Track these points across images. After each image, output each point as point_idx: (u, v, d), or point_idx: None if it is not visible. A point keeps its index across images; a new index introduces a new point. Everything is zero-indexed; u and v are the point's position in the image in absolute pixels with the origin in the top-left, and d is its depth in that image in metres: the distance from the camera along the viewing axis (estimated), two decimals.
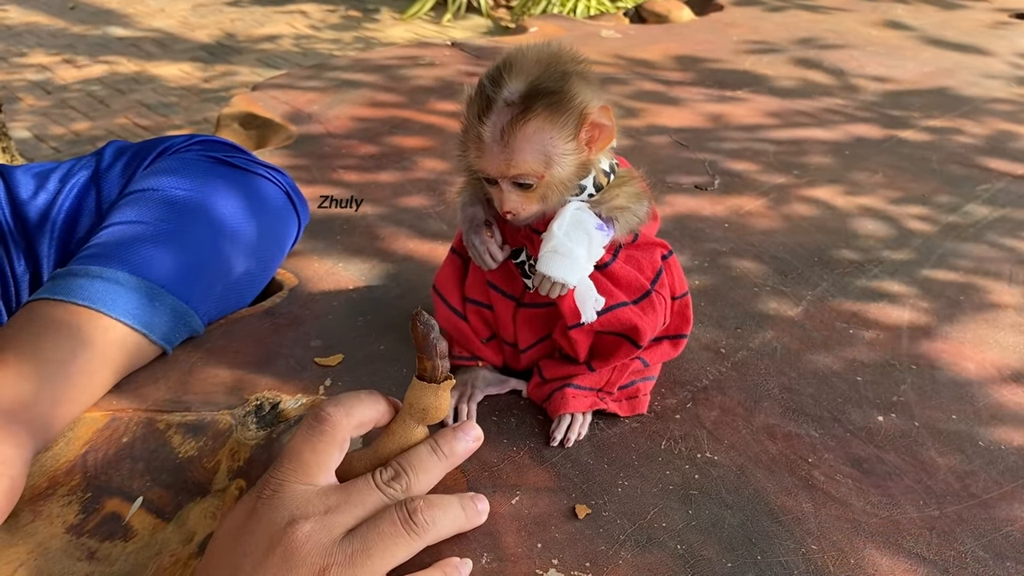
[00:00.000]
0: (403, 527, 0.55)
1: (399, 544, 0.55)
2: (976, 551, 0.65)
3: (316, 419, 0.56)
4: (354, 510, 0.55)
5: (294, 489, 0.54)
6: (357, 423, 0.58)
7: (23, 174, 0.87)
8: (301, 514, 0.53)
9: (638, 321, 0.71)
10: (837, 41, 2.04)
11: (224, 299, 0.87)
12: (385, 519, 0.55)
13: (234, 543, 0.53)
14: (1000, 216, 1.21)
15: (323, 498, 0.54)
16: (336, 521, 0.53)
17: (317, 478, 0.55)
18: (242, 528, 0.54)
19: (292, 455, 0.55)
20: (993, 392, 0.84)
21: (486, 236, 0.72)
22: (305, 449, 0.55)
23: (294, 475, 0.55)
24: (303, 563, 0.51)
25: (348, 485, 0.56)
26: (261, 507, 0.54)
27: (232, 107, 1.47)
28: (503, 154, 0.63)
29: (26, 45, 4.53)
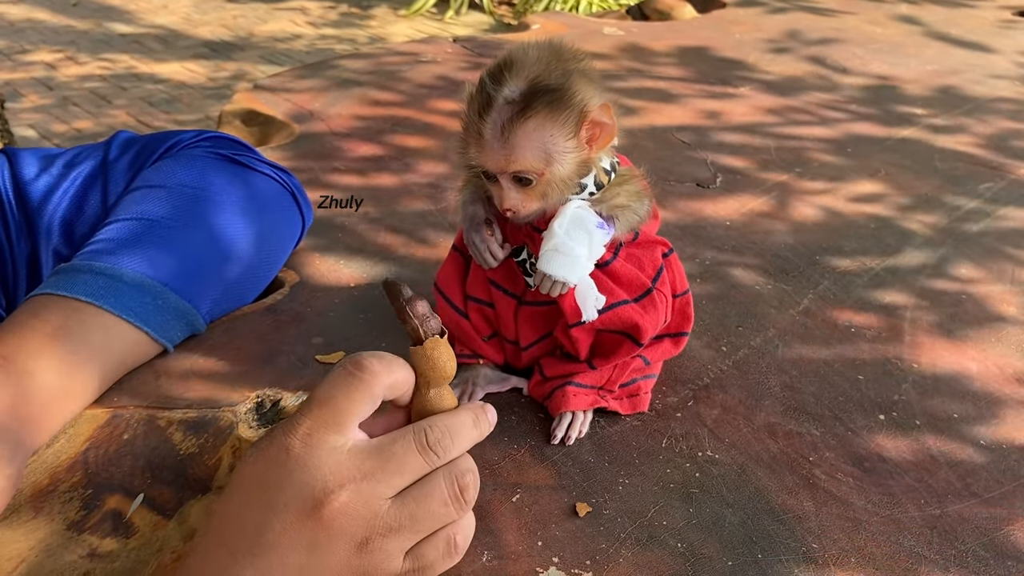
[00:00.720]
0: (453, 505, 0.53)
1: (447, 519, 0.53)
2: (977, 550, 0.65)
3: (356, 366, 0.52)
4: (393, 478, 0.51)
5: (325, 442, 0.50)
6: (392, 382, 0.54)
7: (28, 156, 0.87)
8: (336, 480, 0.49)
9: (639, 319, 0.71)
10: (840, 38, 2.03)
11: (227, 298, 0.87)
12: (435, 496, 0.52)
13: (261, 495, 0.50)
14: (1003, 215, 1.21)
15: (358, 460, 0.50)
16: (375, 490, 0.50)
17: (348, 428, 0.51)
18: (270, 482, 0.50)
19: (324, 401, 0.51)
20: (994, 391, 0.84)
21: (486, 234, 0.72)
22: (340, 395, 0.51)
23: (324, 424, 0.51)
24: (341, 534, 0.49)
25: (384, 445, 0.52)
26: (292, 462, 0.50)
27: (234, 104, 1.47)
28: (503, 150, 0.63)
29: (28, 42, 4.53)
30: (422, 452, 0.52)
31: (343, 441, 0.51)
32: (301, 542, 0.50)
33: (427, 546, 0.53)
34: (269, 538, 0.49)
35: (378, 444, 0.52)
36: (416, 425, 0.54)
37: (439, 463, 0.53)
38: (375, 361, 0.53)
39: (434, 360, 0.56)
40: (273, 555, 0.49)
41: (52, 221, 0.84)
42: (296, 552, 0.50)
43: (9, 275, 0.83)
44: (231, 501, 0.52)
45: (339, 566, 0.50)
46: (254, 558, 0.50)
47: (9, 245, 0.83)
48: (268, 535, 0.50)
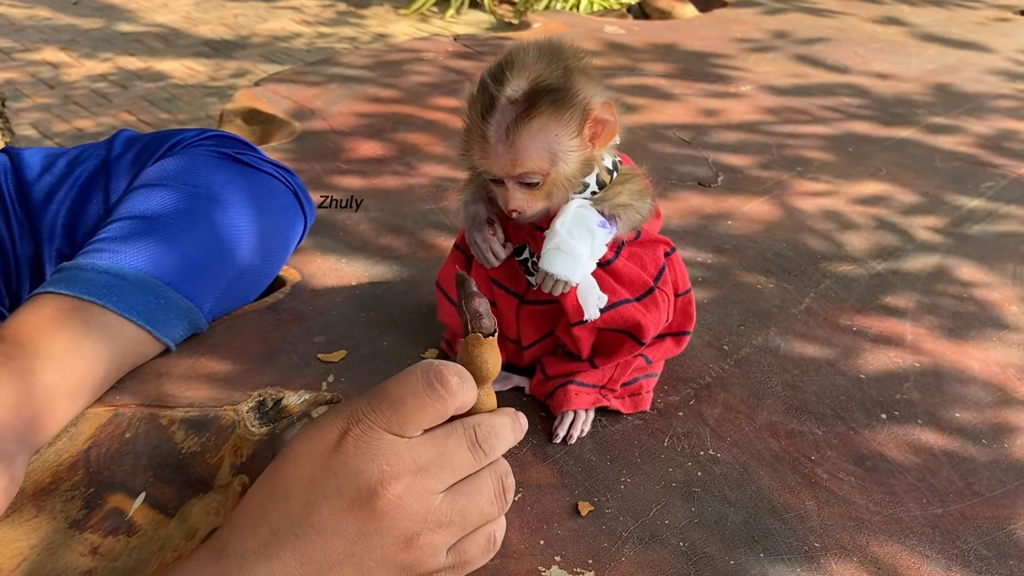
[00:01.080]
0: (497, 505, 0.53)
1: (492, 516, 0.53)
2: (979, 549, 0.65)
3: (439, 380, 0.51)
4: (444, 473, 0.51)
5: (385, 438, 0.50)
6: (465, 402, 0.53)
7: (31, 155, 0.87)
8: (392, 471, 0.49)
9: (641, 318, 0.71)
10: (840, 38, 2.03)
11: (229, 296, 0.87)
12: (484, 494, 0.53)
13: (312, 476, 0.50)
14: (1004, 214, 1.21)
15: (413, 452, 0.50)
16: (428, 485, 0.50)
17: (409, 433, 0.51)
18: (324, 465, 0.50)
19: (395, 402, 0.51)
20: (996, 390, 0.84)
21: (488, 234, 0.72)
22: (411, 403, 0.51)
23: (387, 423, 0.50)
24: (393, 527, 0.49)
25: (438, 439, 0.52)
26: (349, 450, 0.50)
27: (235, 103, 1.46)
28: (508, 154, 0.63)
29: (29, 40, 4.53)
30: (472, 449, 0.52)
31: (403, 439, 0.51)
32: (349, 530, 0.49)
33: (469, 542, 0.53)
34: (315, 521, 0.49)
35: (431, 438, 0.52)
36: (464, 422, 0.54)
37: (486, 462, 0.53)
38: (457, 381, 0.52)
39: (472, 357, 0.56)
40: (317, 539, 0.49)
41: (55, 221, 0.84)
42: (342, 539, 0.49)
43: (12, 275, 0.83)
44: (279, 477, 0.51)
45: (383, 559, 0.50)
46: (296, 539, 0.49)
47: (12, 245, 0.83)
48: (315, 518, 0.49)
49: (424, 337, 0.86)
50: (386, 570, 0.50)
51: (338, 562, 0.49)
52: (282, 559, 0.49)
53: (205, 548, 0.51)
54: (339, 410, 0.52)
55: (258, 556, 0.49)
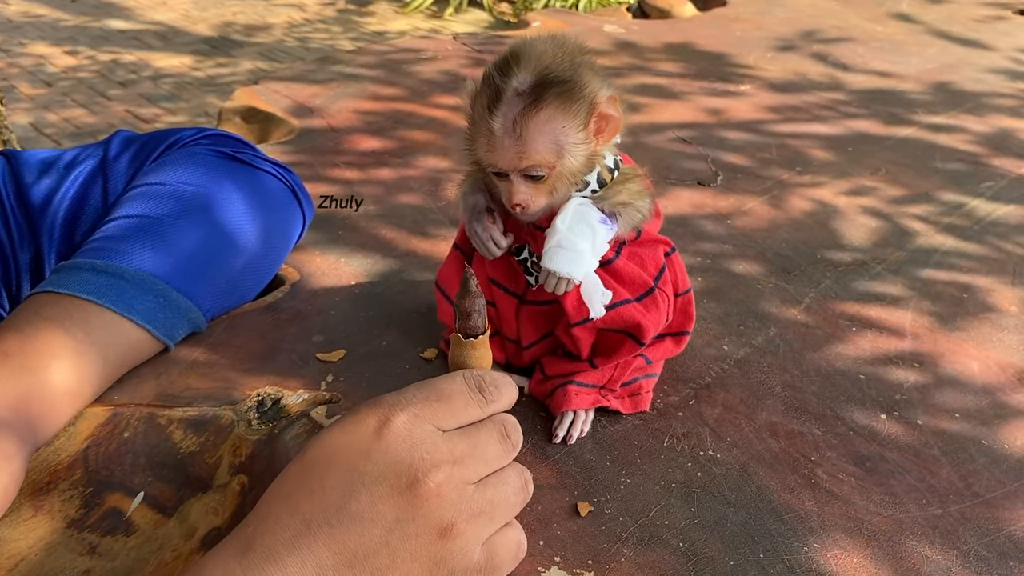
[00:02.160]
0: (521, 498, 0.55)
1: (517, 509, 0.55)
2: (979, 550, 0.64)
3: (480, 388, 0.54)
4: (478, 465, 0.53)
5: (427, 429, 0.52)
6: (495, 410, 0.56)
7: (30, 157, 0.86)
8: (432, 460, 0.50)
9: (641, 318, 0.71)
10: (840, 36, 2.03)
11: (228, 295, 0.87)
12: (511, 484, 0.54)
13: (351, 463, 0.50)
14: (1003, 213, 1.21)
15: (451, 443, 0.52)
16: (464, 474, 0.51)
17: (449, 427, 0.53)
18: (363, 453, 0.50)
19: (444, 397, 0.53)
20: (996, 391, 0.84)
21: (488, 222, 0.72)
22: (459, 401, 0.53)
23: (432, 414, 0.52)
24: (430, 515, 0.50)
25: (474, 432, 0.53)
26: (391, 438, 0.50)
27: (234, 101, 1.46)
28: (515, 146, 0.63)
29: (26, 36, 4.52)
30: (502, 442, 0.54)
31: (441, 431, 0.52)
32: (387, 517, 0.49)
33: (500, 544, 0.54)
34: (353, 509, 0.49)
35: (465, 432, 0.53)
36: (494, 418, 0.55)
37: (513, 455, 0.55)
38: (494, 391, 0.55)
39: (454, 356, 0.58)
40: (353, 527, 0.49)
41: (54, 223, 0.84)
42: (379, 528, 0.49)
43: (12, 277, 0.83)
44: (312, 469, 0.51)
45: (417, 549, 0.50)
46: (331, 528, 0.49)
47: (12, 249, 0.83)
48: (353, 506, 0.49)
49: (423, 337, 0.86)
50: (419, 562, 0.50)
51: (373, 551, 0.49)
52: (315, 550, 0.48)
53: (228, 544, 0.50)
54: (377, 402, 0.53)
55: (290, 548, 0.48)
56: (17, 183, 0.84)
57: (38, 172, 0.85)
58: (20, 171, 0.85)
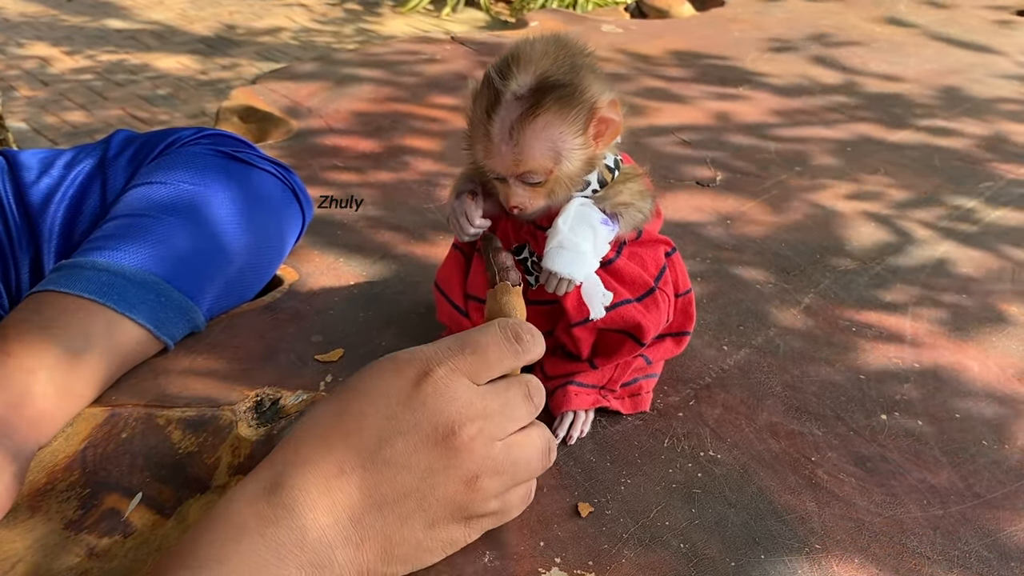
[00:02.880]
0: (543, 460, 0.58)
1: (538, 469, 0.58)
2: (980, 551, 0.64)
3: (516, 338, 0.56)
4: (507, 422, 0.55)
5: (464, 383, 0.54)
6: (531, 359, 0.58)
7: (28, 158, 0.86)
8: (467, 414, 0.52)
9: (641, 319, 0.71)
10: (840, 38, 2.03)
11: (227, 295, 0.86)
12: (535, 447, 0.57)
13: (389, 410, 0.52)
14: (1003, 215, 1.21)
15: (484, 399, 0.54)
16: (493, 430, 0.54)
17: (483, 380, 0.55)
18: (402, 401, 0.52)
19: (478, 349, 0.55)
20: (996, 391, 0.83)
21: (467, 199, 0.70)
22: (493, 353, 0.55)
23: (468, 368, 0.54)
24: (460, 466, 0.52)
25: (503, 390, 0.56)
26: (429, 389, 0.52)
27: (232, 100, 1.46)
28: (512, 152, 0.63)
29: (23, 36, 4.51)
30: (526, 402, 0.56)
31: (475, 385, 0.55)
32: (420, 465, 0.51)
33: (513, 492, 0.58)
34: (387, 454, 0.51)
35: (495, 389, 0.55)
36: (520, 377, 0.58)
37: (535, 416, 0.58)
38: (530, 339, 0.57)
39: (501, 305, 0.61)
40: (386, 472, 0.51)
41: (53, 223, 0.84)
42: (411, 474, 0.51)
43: (12, 278, 0.83)
44: (348, 412, 0.53)
45: (444, 496, 0.53)
46: (364, 472, 0.50)
47: (11, 248, 0.83)
48: (387, 451, 0.51)
49: (422, 337, 0.85)
50: (445, 508, 0.53)
51: (403, 496, 0.51)
52: (347, 492, 0.50)
53: (254, 481, 0.51)
54: (416, 353, 0.55)
55: (321, 490, 0.50)
56: (16, 183, 0.84)
57: (37, 172, 0.85)
58: (19, 172, 0.85)
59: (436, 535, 0.55)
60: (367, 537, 0.51)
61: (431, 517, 0.53)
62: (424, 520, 0.53)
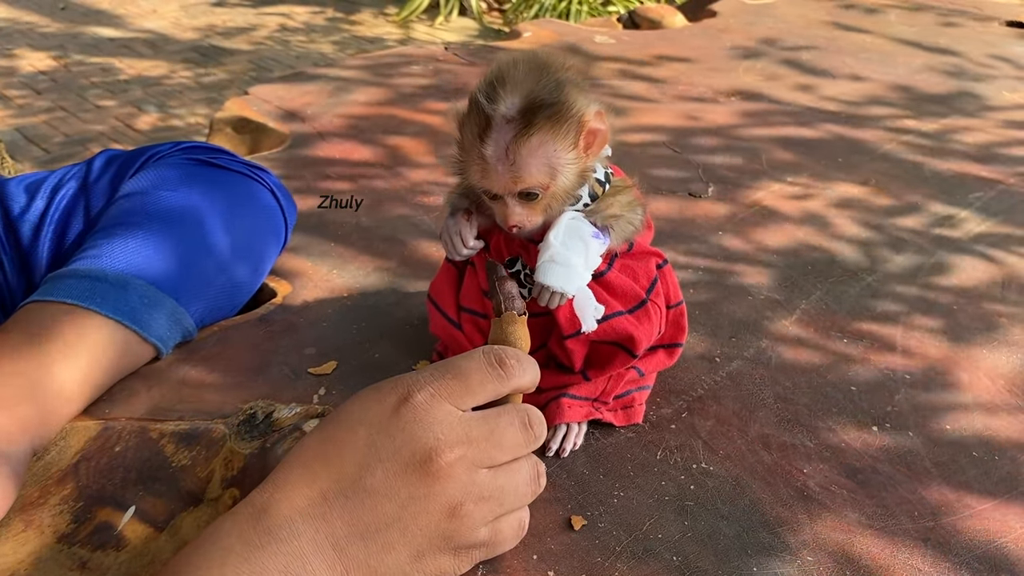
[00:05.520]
0: (532, 489, 0.57)
1: (527, 499, 0.57)
2: (971, 562, 0.65)
3: (500, 363, 0.55)
4: (494, 450, 0.54)
5: (445, 408, 0.53)
6: (520, 384, 0.57)
7: (15, 188, 0.87)
8: (446, 440, 0.52)
9: (633, 330, 0.71)
10: (830, 47, 2.04)
11: (216, 299, 0.86)
12: (523, 477, 0.56)
13: (370, 438, 0.52)
14: (993, 224, 1.22)
15: (467, 426, 0.53)
16: (477, 457, 0.53)
17: (466, 407, 0.54)
18: (381, 428, 0.52)
19: (460, 375, 0.54)
20: (986, 402, 0.84)
21: (461, 219, 0.71)
22: (475, 378, 0.54)
23: (449, 393, 0.53)
24: (441, 494, 0.51)
25: (492, 417, 0.55)
26: (408, 415, 0.52)
27: (225, 111, 1.46)
28: (509, 171, 0.63)
29: (15, 45, 4.50)
30: (523, 430, 0.55)
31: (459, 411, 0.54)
32: (400, 493, 0.51)
33: (504, 523, 0.57)
34: (368, 483, 0.51)
35: (484, 416, 0.55)
36: (517, 405, 0.57)
37: (534, 445, 0.56)
38: (515, 364, 0.56)
39: (507, 334, 0.61)
40: (367, 500, 0.50)
41: (43, 251, 0.85)
42: (393, 503, 0.51)
43: (7, 307, 0.83)
44: (331, 440, 0.53)
45: (427, 525, 0.52)
46: (346, 500, 0.50)
47: (5, 280, 0.84)
48: (368, 480, 0.51)
49: (416, 349, 0.85)
50: (428, 538, 0.52)
51: (386, 525, 0.51)
52: (329, 521, 0.50)
53: (245, 506, 0.51)
54: (398, 379, 0.55)
55: (305, 517, 0.50)
56: (6, 215, 0.85)
57: (26, 201, 0.86)
58: (8, 203, 0.86)
59: (423, 567, 0.53)
60: (351, 567, 0.50)
61: (416, 547, 0.52)
62: (409, 550, 0.52)
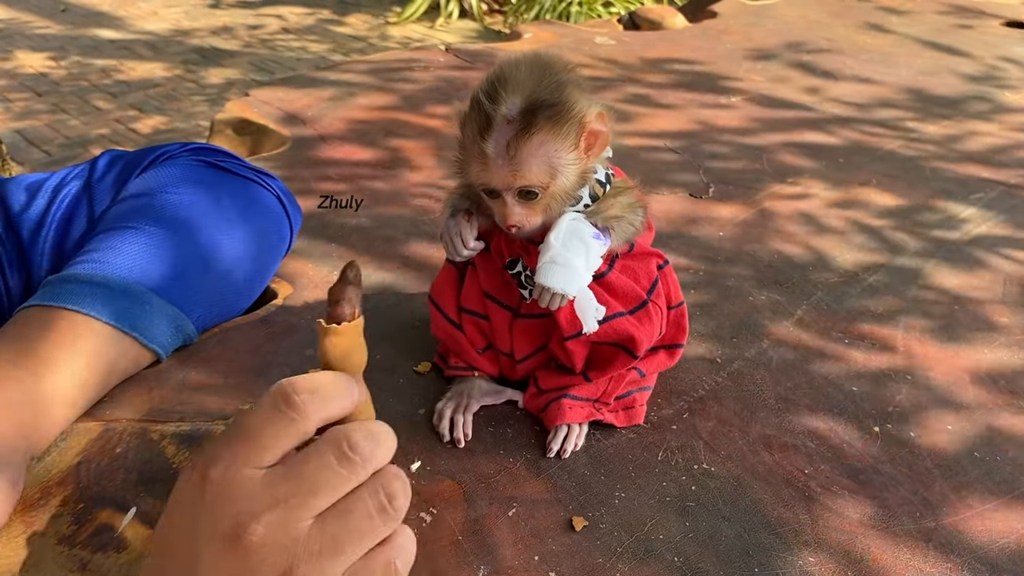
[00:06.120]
0: (379, 518, 0.48)
1: (375, 535, 0.49)
2: (973, 563, 0.65)
3: (286, 404, 0.48)
4: (310, 499, 0.47)
5: (243, 476, 0.47)
6: (327, 416, 0.49)
7: (15, 187, 0.86)
8: (251, 511, 0.46)
9: (634, 331, 0.71)
10: (830, 48, 2.04)
11: (218, 304, 0.86)
12: (358, 510, 0.48)
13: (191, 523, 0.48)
14: (994, 225, 1.22)
15: (271, 489, 0.47)
16: (292, 515, 0.47)
17: (269, 463, 0.48)
18: (194, 512, 0.48)
19: (248, 436, 0.48)
20: (988, 402, 0.84)
21: (461, 219, 0.71)
22: (267, 434, 0.48)
23: (244, 459, 0.47)
24: (261, 566, 0.46)
25: (300, 463, 0.48)
26: (210, 494, 0.47)
27: (226, 112, 1.46)
28: (509, 166, 0.63)
29: (17, 47, 4.51)
30: (341, 463, 0.48)
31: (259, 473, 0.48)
32: (227, 574, 0.47)
33: (362, 572, 0.49)
34: (200, 568, 0.47)
35: (290, 466, 0.48)
36: (327, 437, 0.49)
37: (362, 471, 0.49)
38: (307, 398, 0.48)
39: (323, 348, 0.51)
40: None
41: (44, 249, 0.84)
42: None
43: (5, 308, 0.83)
44: (167, 526, 0.50)
45: None
46: None
47: (3, 278, 0.83)
48: (199, 566, 0.47)
49: (417, 350, 0.85)
50: None
51: None
52: None
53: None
54: (200, 452, 0.51)
55: None
56: (6, 213, 0.84)
57: (26, 200, 0.86)
58: (8, 200, 0.85)
59: None
60: None
61: None
62: None
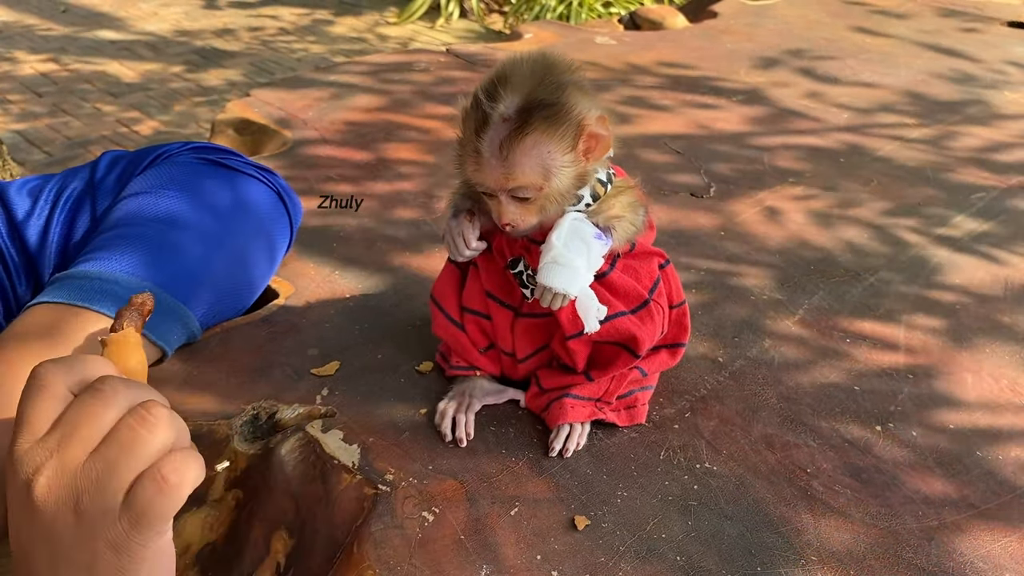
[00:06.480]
0: (140, 429, 0.51)
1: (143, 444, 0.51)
2: (975, 562, 0.65)
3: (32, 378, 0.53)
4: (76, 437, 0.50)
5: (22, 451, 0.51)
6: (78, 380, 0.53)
7: (17, 193, 0.86)
8: (32, 469, 0.50)
9: (636, 331, 0.71)
10: (831, 48, 2.04)
11: (221, 301, 0.86)
12: (120, 429, 0.51)
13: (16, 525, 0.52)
14: (994, 225, 1.22)
15: (44, 445, 0.51)
16: (66, 457, 0.50)
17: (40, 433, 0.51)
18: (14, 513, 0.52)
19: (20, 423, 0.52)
20: (990, 401, 0.84)
21: (464, 220, 0.71)
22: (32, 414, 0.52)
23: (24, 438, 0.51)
24: (56, 509, 0.50)
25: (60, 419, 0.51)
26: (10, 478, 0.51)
27: (227, 113, 1.46)
28: (501, 167, 0.63)
29: (17, 48, 4.51)
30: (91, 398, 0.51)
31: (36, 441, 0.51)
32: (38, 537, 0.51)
33: (136, 489, 0.50)
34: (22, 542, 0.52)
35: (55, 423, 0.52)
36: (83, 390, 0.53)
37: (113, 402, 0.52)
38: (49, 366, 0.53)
39: None
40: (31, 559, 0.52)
41: (50, 253, 0.85)
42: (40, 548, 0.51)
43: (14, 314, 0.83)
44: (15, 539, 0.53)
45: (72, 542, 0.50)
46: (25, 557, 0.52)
47: (12, 287, 0.83)
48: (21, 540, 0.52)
49: (419, 350, 0.85)
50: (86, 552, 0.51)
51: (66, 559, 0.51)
52: None
53: None
54: None
55: None
56: (10, 221, 0.85)
57: (29, 206, 0.86)
58: (11, 208, 0.85)
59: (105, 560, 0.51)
60: None
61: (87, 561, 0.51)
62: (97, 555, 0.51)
